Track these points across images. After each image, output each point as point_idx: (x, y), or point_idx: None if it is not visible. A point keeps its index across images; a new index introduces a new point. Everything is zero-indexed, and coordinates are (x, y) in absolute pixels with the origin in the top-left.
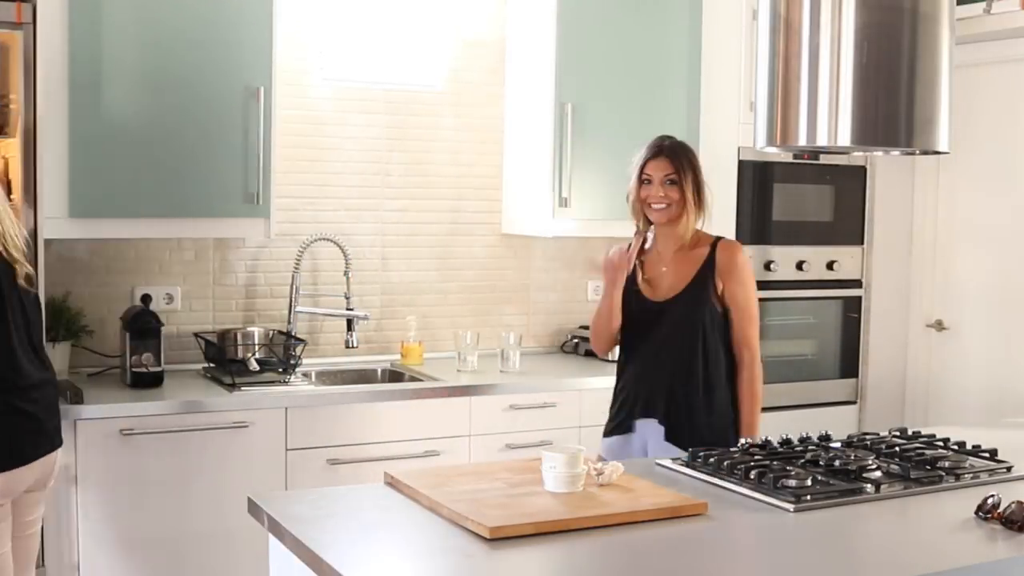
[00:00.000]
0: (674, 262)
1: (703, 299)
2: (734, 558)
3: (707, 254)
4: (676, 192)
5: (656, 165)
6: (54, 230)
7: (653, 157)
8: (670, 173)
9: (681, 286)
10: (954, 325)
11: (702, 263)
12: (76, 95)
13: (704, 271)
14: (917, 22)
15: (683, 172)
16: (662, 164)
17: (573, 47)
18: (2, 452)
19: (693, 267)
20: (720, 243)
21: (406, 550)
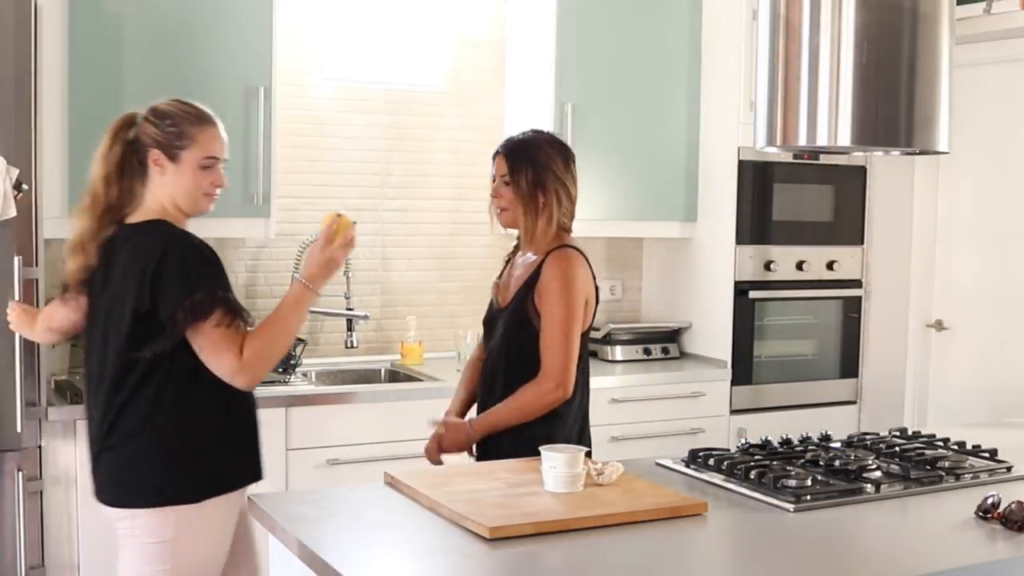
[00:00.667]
0: (520, 269)
1: (521, 310)
2: (734, 558)
3: (539, 264)
4: (510, 192)
5: (496, 165)
6: (54, 230)
7: (494, 156)
8: (504, 173)
9: (511, 295)
10: (954, 325)
11: (531, 272)
12: (76, 95)
13: (530, 280)
14: (917, 22)
15: (516, 174)
16: (499, 163)
17: (573, 47)
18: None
19: (524, 275)
20: (551, 253)
21: (406, 550)
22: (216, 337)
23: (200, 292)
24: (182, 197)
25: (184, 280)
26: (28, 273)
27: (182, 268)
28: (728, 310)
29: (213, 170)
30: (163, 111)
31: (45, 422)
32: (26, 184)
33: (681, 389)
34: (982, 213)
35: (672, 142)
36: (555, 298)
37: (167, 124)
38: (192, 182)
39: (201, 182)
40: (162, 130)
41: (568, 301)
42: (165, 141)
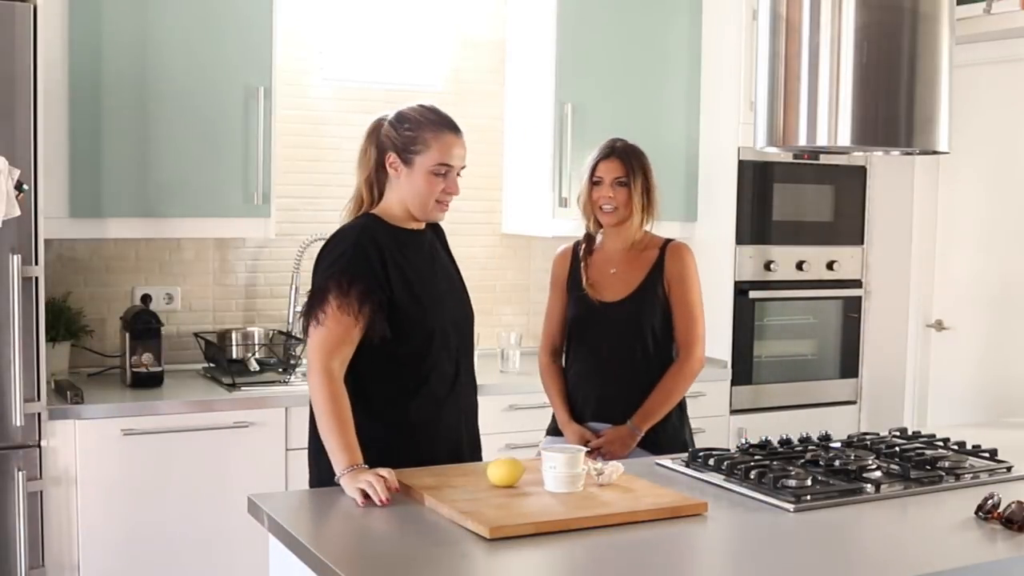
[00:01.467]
0: (622, 264)
1: (651, 302)
2: (734, 558)
3: (656, 257)
4: (625, 194)
5: (607, 167)
6: (54, 230)
7: (604, 158)
8: (620, 176)
9: (629, 289)
10: (954, 325)
11: (651, 266)
12: (76, 95)
13: (653, 274)
14: (917, 22)
15: (633, 175)
16: (613, 166)
17: (573, 47)
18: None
19: (642, 270)
20: (669, 246)
21: (406, 550)
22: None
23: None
24: (413, 202)
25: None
26: (27, 272)
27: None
28: (728, 310)
29: (446, 177)
30: (404, 115)
31: (46, 422)
32: (26, 184)
33: None
34: (982, 213)
35: (672, 142)
36: (690, 284)
37: (404, 128)
38: (425, 188)
39: (433, 188)
40: (399, 133)
41: (698, 286)
42: (401, 145)
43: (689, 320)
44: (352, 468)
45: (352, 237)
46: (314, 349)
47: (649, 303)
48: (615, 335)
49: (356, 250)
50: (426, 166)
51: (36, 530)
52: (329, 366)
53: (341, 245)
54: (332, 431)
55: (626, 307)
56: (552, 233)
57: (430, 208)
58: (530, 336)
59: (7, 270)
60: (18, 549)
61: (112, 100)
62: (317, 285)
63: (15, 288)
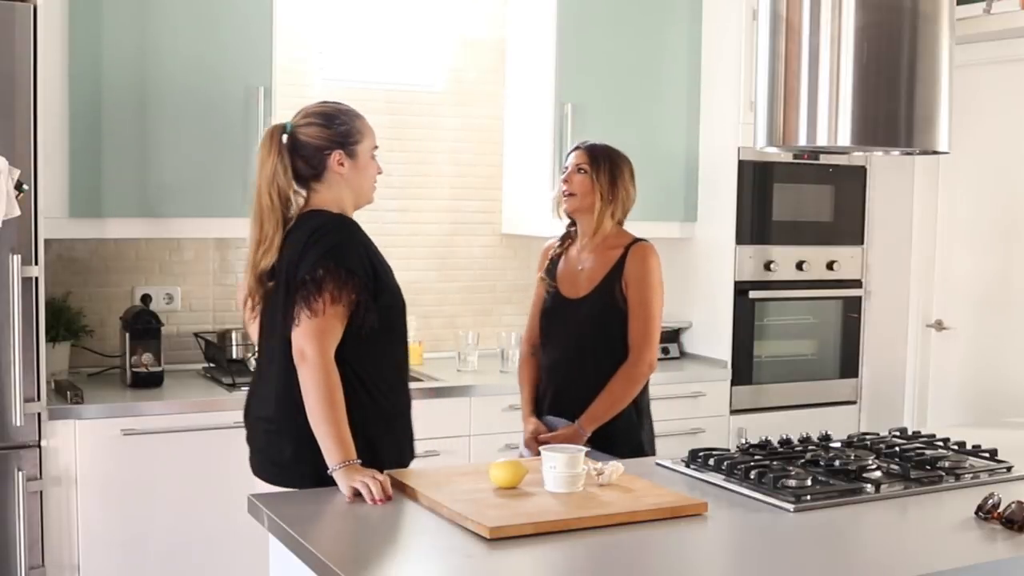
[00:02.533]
0: (591, 262)
1: (607, 301)
2: (734, 558)
3: (619, 256)
4: (585, 182)
5: (574, 157)
6: (54, 230)
7: (574, 151)
8: (582, 163)
9: (591, 286)
10: (954, 325)
11: (612, 265)
12: (76, 95)
13: (612, 274)
14: (917, 22)
15: (596, 164)
16: (579, 155)
17: (573, 47)
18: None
19: (604, 268)
20: (633, 246)
21: (406, 550)
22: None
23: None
24: (363, 189)
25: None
26: (27, 272)
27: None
28: (728, 310)
29: (375, 159)
30: (327, 113)
31: (46, 422)
32: (26, 184)
33: (681, 389)
34: (982, 213)
35: (672, 142)
36: (646, 286)
37: (338, 124)
38: (371, 173)
39: (375, 172)
40: (335, 130)
41: (656, 289)
42: (341, 140)
43: (643, 322)
44: (347, 463)
45: (344, 227)
46: (310, 339)
47: (605, 302)
48: (573, 331)
49: (351, 240)
50: (367, 152)
51: (36, 530)
52: (328, 356)
53: (334, 235)
54: (331, 422)
55: (584, 304)
56: (552, 233)
57: (372, 192)
58: None
59: (7, 270)
60: (18, 549)
61: (112, 100)
62: (312, 275)
63: (15, 288)
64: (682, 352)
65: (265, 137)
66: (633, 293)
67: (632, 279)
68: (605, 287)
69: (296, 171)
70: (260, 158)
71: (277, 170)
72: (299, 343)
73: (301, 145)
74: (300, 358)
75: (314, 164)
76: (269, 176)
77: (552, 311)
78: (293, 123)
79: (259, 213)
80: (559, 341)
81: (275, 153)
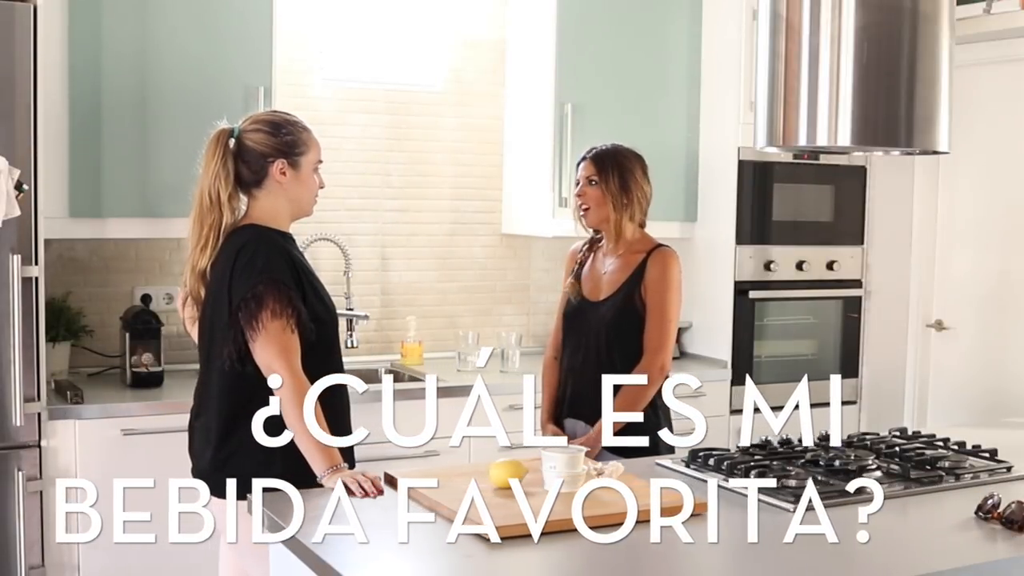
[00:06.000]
0: (615, 265)
1: (627, 305)
2: (734, 558)
3: (640, 261)
4: (596, 193)
5: (583, 169)
6: (54, 230)
7: (581, 162)
8: (591, 175)
9: (611, 289)
10: (954, 325)
11: (634, 269)
12: (76, 95)
13: (633, 278)
14: (917, 22)
15: (604, 173)
16: (587, 167)
17: (573, 47)
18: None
19: (625, 272)
20: (654, 251)
21: (406, 550)
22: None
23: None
24: (303, 201)
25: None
26: (27, 272)
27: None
28: (728, 310)
29: (317, 173)
30: (274, 122)
31: (46, 422)
32: (26, 184)
33: (681, 389)
34: (982, 213)
35: (672, 142)
36: (664, 291)
37: (284, 134)
38: (313, 186)
39: (316, 185)
40: (280, 139)
41: (674, 295)
42: (286, 149)
43: (660, 326)
44: (333, 468)
45: (268, 243)
46: (277, 355)
47: (625, 305)
48: (592, 334)
49: (280, 255)
50: (311, 164)
51: (36, 530)
52: (296, 370)
53: (263, 253)
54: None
55: (604, 307)
56: (552, 233)
57: (312, 205)
58: (530, 336)
59: (7, 270)
60: (18, 549)
61: (112, 100)
62: (251, 292)
63: (15, 288)
64: (682, 352)
65: (212, 139)
66: (651, 297)
67: (651, 283)
68: (625, 291)
69: (239, 176)
70: (204, 159)
71: (219, 173)
72: (265, 363)
73: (246, 150)
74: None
75: (256, 170)
76: (211, 178)
77: (572, 315)
78: (241, 128)
79: (198, 214)
80: (579, 344)
81: (219, 156)
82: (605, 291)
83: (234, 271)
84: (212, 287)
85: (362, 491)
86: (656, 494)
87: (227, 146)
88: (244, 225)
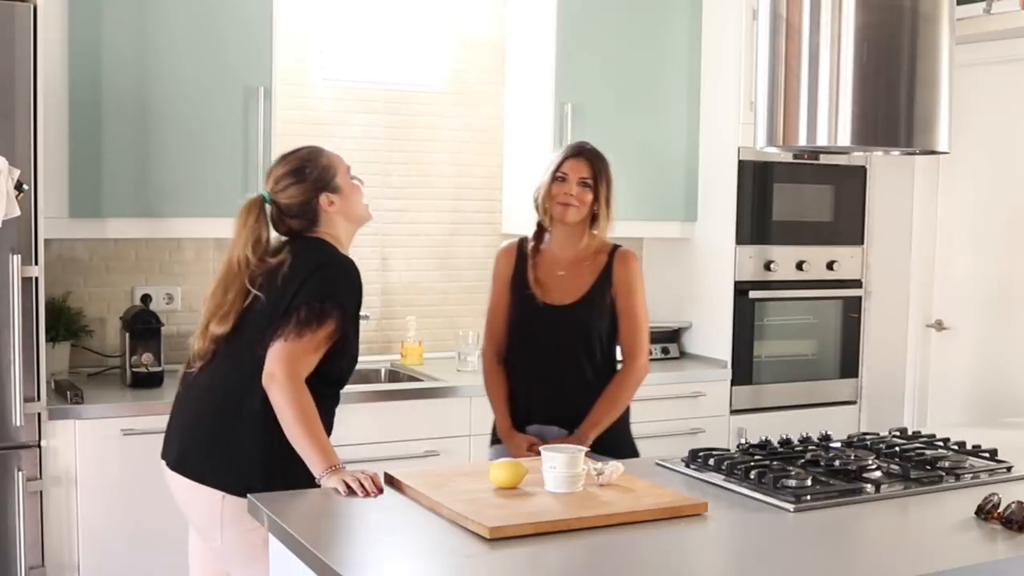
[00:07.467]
0: (570, 267)
1: (599, 308)
2: (734, 558)
3: (605, 262)
4: (589, 195)
5: (574, 165)
6: (54, 230)
7: (573, 156)
8: (586, 176)
9: (578, 293)
10: (954, 325)
11: (600, 271)
12: (76, 95)
13: (601, 280)
14: (917, 22)
15: (598, 179)
16: (580, 165)
17: (573, 47)
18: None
19: (591, 275)
20: (618, 252)
21: (406, 550)
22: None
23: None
24: (357, 214)
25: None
26: (27, 272)
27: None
28: (728, 310)
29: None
30: (291, 169)
31: (46, 422)
32: (26, 184)
33: (681, 389)
34: (982, 213)
35: (672, 142)
36: (634, 291)
37: (309, 172)
38: (358, 194)
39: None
40: (309, 178)
41: (642, 293)
42: (322, 182)
43: (634, 327)
44: (332, 468)
45: (350, 273)
46: (286, 359)
47: (597, 308)
48: (563, 338)
49: (356, 289)
50: (345, 178)
51: (36, 530)
52: (298, 376)
53: (345, 279)
54: (310, 435)
55: (575, 311)
56: None
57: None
58: None
59: (7, 270)
60: (18, 549)
61: (112, 100)
62: (323, 306)
63: (15, 288)
64: (682, 352)
65: (243, 208)
66: (623, 299)
67: (621, 285)
68: (596, 293)
69: (289, 228)
70: (236, 227)
71: (249, 240)
72: (271, 365)
73: (286, 208)
74: (269, 379)
75: (307, 215)
76: (241, 245)
77: (533, 319)
78: (270, 192)
79: (224, 279)
80: (545, 348)
81: (250, 224)
82: (572, 294)
83: (310, 279)
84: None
85: (363, 490)
86: (656, 494)
87: (260, 214)
88: (320, 239)
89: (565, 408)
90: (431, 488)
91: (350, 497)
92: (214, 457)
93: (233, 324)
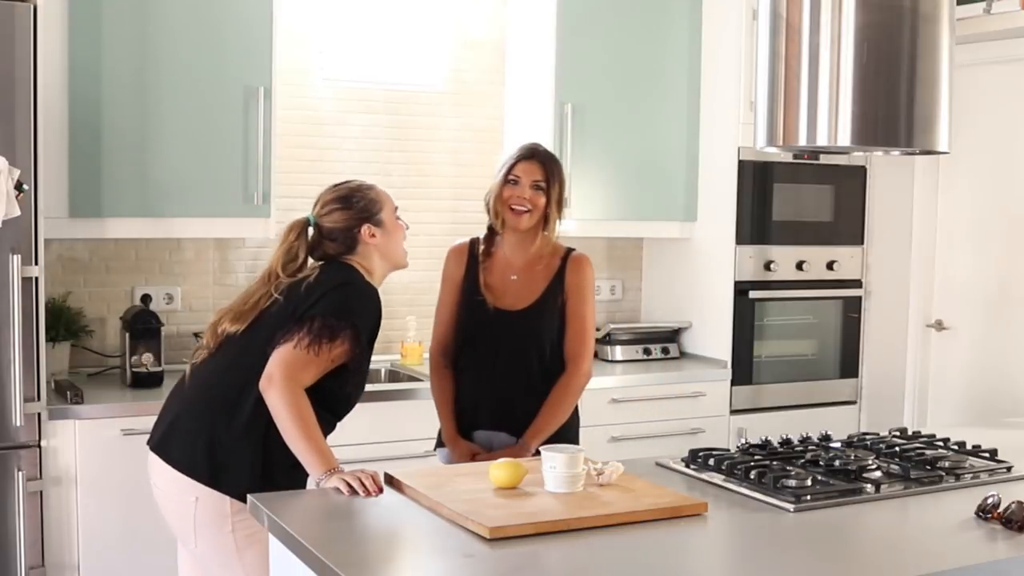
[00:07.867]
0: (523, 271)
1: (551, 313)
2: (734, 558)
3: (558, 267)
4: (542, 199)
5: (527, 168)
6: (54, 230)
7: (525, 159)
8: (539, 179)
9: (531, 299)
10: (954, 325)
11: (552, 276)
12: (76, 95)
13: (554, 285)
14: (917, 22)
15: (551, 181)
16: (533, 168)
17: (573, 47)
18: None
19: (543, 280)
20: (571, 257)
21: (406, 550)
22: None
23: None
24: (396, 253)
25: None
26: (27, 272)
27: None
28: (728, 310)
29: (400, 219)
30: (343, 196)
31: (46, 422)
32: (26, 184)
33: (681, 389)
34: (982, 213)
35: (672, 142)
36: (584, 297)
37: (356, 201)
38: (399, 235)
39: (402, 232)
40: (354, 208)
41: (592, 299)
42: (366, 214)
43: (580, 332)
44: (331, 471)
45: (372, 300)
46: (287, 365)
47: (549, 314)
48: (514, 343)
49: (374, 316)
50: (391, 215)
51: (36, 530)
52: (296, 382)
53: (365, 303)
54: (307, 438)
55: (527, 317)
56: None
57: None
58: None
59: (7, 270)
60: (18, 549)
61: (112, 100)
62: (338, 323)
63: (15, 288)
64: (682, 352)
65: (287, 227)
66: (573, 303)
67: (572, 290)
68: (549, 297)
69: (325, 253)
70: (280, 240)
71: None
72: (272, 367)
73: (328, 231)
74: (267, 381)
75: (345, 241)
76: (279, 257)
77: (485, 322)
78: (315, 215)
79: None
80: (495, 353)
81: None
82: (525, 299)
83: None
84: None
85: (364, 489)
86: (656, 494)
87: (302, 234)
88: (353, 265)
89: (513, 414)
90: (431, 488)
91: (351, 497)
92: (196, 445)
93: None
